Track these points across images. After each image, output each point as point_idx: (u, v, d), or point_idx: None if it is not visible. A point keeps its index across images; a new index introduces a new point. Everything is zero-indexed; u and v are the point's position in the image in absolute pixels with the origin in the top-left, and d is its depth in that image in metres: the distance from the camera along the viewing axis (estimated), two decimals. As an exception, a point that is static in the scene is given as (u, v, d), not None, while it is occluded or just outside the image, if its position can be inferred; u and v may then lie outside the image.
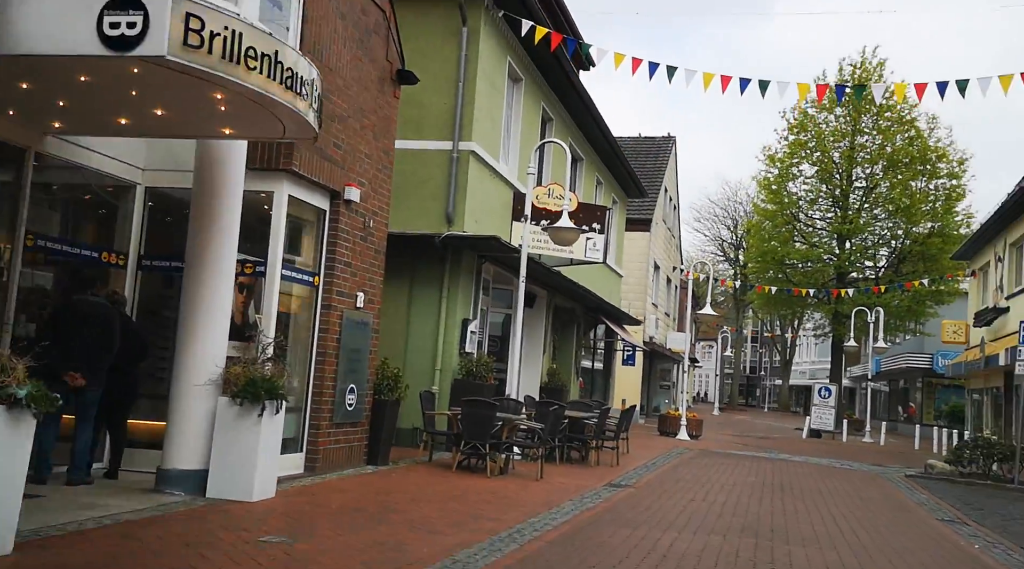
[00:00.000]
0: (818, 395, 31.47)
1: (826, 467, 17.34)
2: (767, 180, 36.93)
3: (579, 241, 16.09)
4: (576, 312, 21.05)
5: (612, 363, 26.80)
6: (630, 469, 13.53)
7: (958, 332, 30.51)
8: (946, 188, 34.55)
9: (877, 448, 26.61)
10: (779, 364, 73.65)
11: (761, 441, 25.90)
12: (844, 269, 35.86)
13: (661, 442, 21.26)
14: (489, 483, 10.28)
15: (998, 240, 26.24)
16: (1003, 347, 22.45)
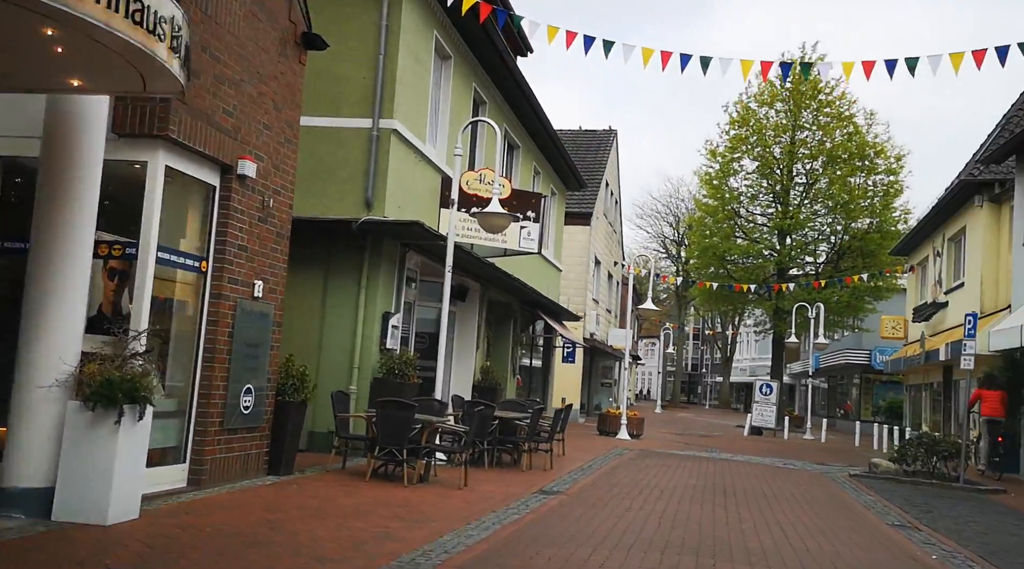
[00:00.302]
0: (759, 392, 31.10)
1: (769, 467, 16.70)
2: (708, 175, 36.56)
3: (513, 230, 15.15)
4: (513, 307, 20.10)
5: (551, 360, 25.94)
6: (564, 473, 12.62)
7: (897, 328, 30.43)
8: (884, 184, 34.59)
9: (818, 445, 26.27)
10: (720, 361, 73.94)
11: (703, 439, 25.33)
12: (785, 265, 35.66)
13: (600, 442, 20.45)
14: (405, 493, 9.23)
15: (936, 235, 26.11)
16: (943, 342, 22.20)
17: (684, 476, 13.61)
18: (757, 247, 35.89)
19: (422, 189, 13.89)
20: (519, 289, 19.03)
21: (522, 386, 24.44)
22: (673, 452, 19.18)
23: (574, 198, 32.41)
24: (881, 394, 41.84)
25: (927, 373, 26.89)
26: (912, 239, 29.05)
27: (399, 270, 13.05)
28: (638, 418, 23.60)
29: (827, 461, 19.21)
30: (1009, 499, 13.36)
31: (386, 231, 12.28)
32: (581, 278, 31.56)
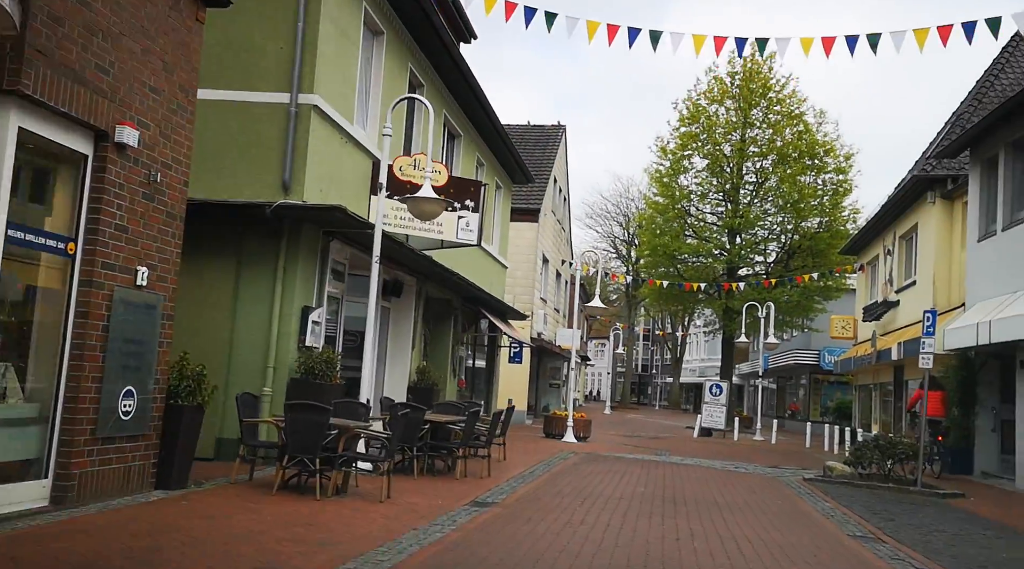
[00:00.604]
0: (709, 392, 30.50)
1: (720, 471, 15.91)
2: (659, 172, 35.96)
3: (450, 220, 14.13)
4: (453, 304, 19.05)
5: (496, 361, 24.95)
6: (503, 481, 11.61)
7: (846, 327, 30.11)
8: (833, 183, 34.35)
9: (769, 447, 25.70)
10: (670, 362, 73.76)
11: (652, 442, 24.56)
12: (735, 264, 35.21)
13: (546, 445, 19.51)
14: (315, 509, 8.13)
15: (887, 233, 25.76)
16: (895, 341, 21.75)
17: (631, 483, 12.70)
18: (707, 246, 35.38)
19: (351, 174, 12.77)
20: (460, 285, 18.00)
21: (465, 387, 23.43)
22: (621, 455, 18.32)
23: (521, 193, 31.49)
24: (829, 394, 41.74)
25: (877, 373, 26.54)
26: (862, 238, 28.73)
27: (321, 261, 11.91)
28: (585, 420, 22.73)
29: (779, 464, 18.53)
30: (969, 504, 12.72)
31: (305, 217, 11.14)
32: (528, 276, 30.65)
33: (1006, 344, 15.27)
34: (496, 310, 22.34)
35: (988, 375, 17.48)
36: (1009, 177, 16.33)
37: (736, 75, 34.71)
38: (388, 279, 15.63)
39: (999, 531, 10.22)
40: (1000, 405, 17.16)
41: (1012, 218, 16.11)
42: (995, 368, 17.38)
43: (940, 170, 20.66)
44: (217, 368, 10.73)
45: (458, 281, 17.14)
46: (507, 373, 29.60)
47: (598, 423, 35.28)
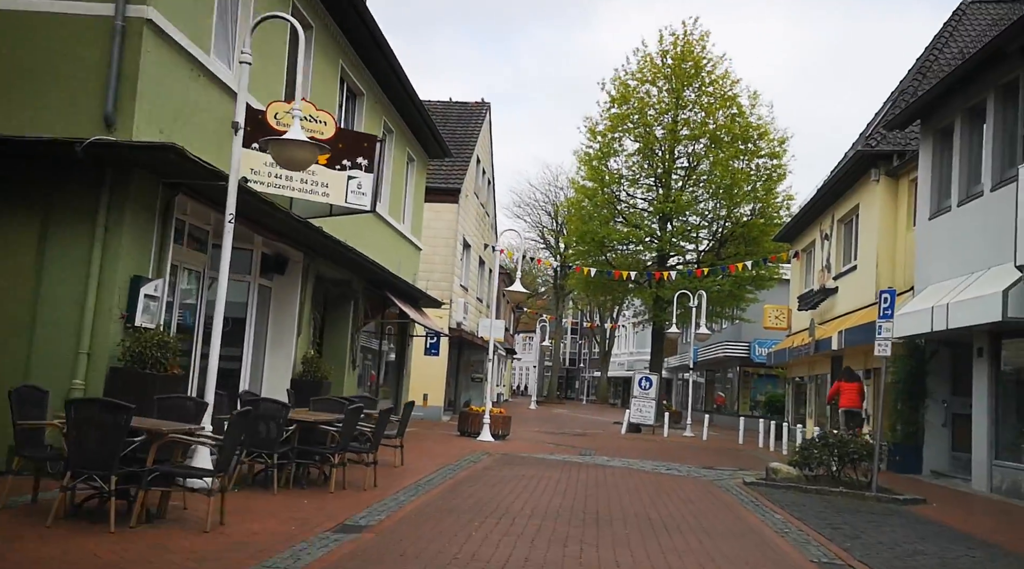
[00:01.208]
0: (638, 386, 28.83)
1: (652, 474, 14.03)
2: (588, 155, 34.15)
3: (338, 181, 11.86)
4: (353, 286, 16.74)
5: (407, 352, 22.67)
6: (389, 494, 9.46)
7: (780, 317, 28.79)
8: (767, 168, 33.06)
9: (701, 444, 24.09)
10: (599, 356, 72.52)
11: (577, 439, 22.68)
12: (665, 252, 33.66)
13: (457, 445, 17.40)
14: (105, 546, 5.84)
15: (824, 217, 24.40)
16: (835, 330, 20.30)
17: (548, 493, 10.67)
18: (638, 233, 33.72)
19: (206, 116, 10.35)
20: (360, 264, 15.72)
21: (374, 381, 21.16)
22: (542, 456, 16.31)
23: (440, 172, 29.29)
24: (760, 388, 40.70)
25: (813, 364, 25.21)
26: (797, 224, 27.41)
27: (162, 220, 9.49)
28: (504, 416, 20.68)
29: (714, 464, 16.80)
30: (934, 512, 11.08)
31: (133, 160, 8.73)
32: (448, 261, 28.46)
33: (961, 331, 13.78)
34: (407, 295, 20.10)
35: (938, 365, 16.04)
36: (965, 147, 14.85)
37: (667, 54, 33.14)
38: (269, 253, 13.28)
39: (985, 549, 8.50)
40: (951, 398, 15.74)
41: (969, 192, 14.64)
42: (946, 358, 15.96)
43: (885, 145, 19.23)
44: (12, 356, 8.30)
45: (355, 258, 14.86)
46: (423, 366, 27.41)
47: (522, 419, 33.37)
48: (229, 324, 12.60)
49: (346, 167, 11.81)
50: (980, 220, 13.99)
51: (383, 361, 21.54)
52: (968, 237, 14.35)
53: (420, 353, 27.46)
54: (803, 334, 24.53)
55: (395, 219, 19.50)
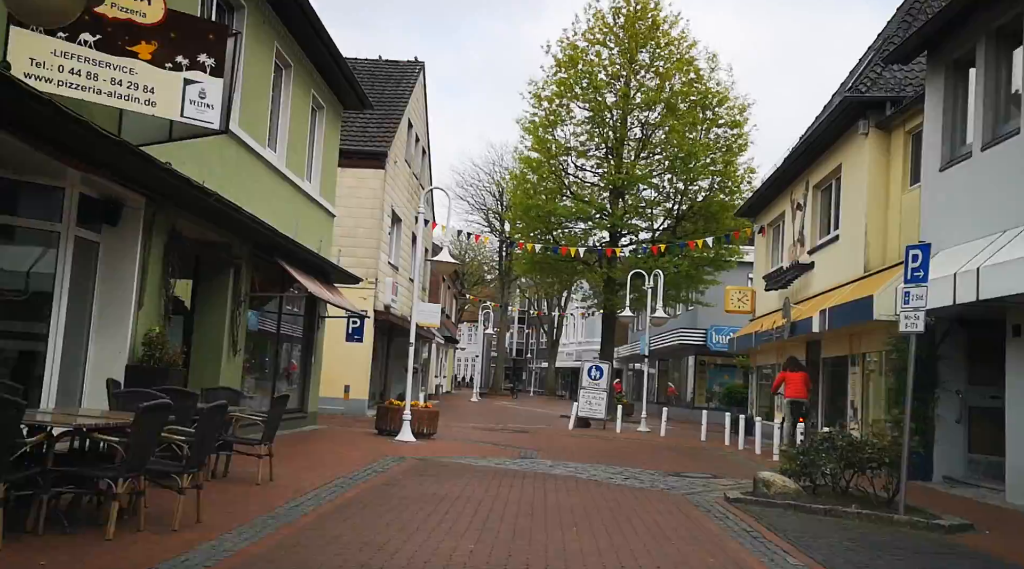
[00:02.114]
0: (587, 376, 25.87)
1: (608, 488, 10.93)
2: (533, 123, 30.98)
3: (169, 84, 8.45)
4: (234, 250, 13.30)
5: (315, 336, 19.18)
6: (216, 535, 6.19)
7: (743, 300, 26.04)
8: (727, 138, 30.29)
9: (659, 441, 21.14)
10: (546, 346, 69.65)
11: (519, 437, 19.55)
12: (618, 228, 30.68)
13: (368, 447, 14.14)
14: None
15: (796, 185, 21.64)
16: (815, 309, 17.46)
17: (459, 528, 7.46)
18: (587, 208, 30.70)
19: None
20: (242, 223, 12.32)
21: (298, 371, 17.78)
22: (470, 462, 13.12)
23: (366, 134, 25.88)
24: (716, 378, 38.10)
25: (784, 350, 22.45)
26: (762, 196, 24.67)
27: None
28: (430, 412, 17.46)
29: (682, 469, 13.80)
30: (998, 546, 8.14)
31: None
32: (373, 235, 25.07)
33: (991, 304, 10.95)
34: (312, 268, 16.68)
35: (950, 349, 13.24)
36: (991, 78, 12.02)
37: (620, 12, 30.13)
38: (94, 196, 9.79)
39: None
40: (967, 389, 12.95)
41: (997, 132, 11.82)
42: (961, 340, 13.16)
43: (876, 91, 16.44)
44: None
45: (237, 216, 11.46)
46: (344, 354, 24.07)
47: (459, 413, 30.21)
48: (25, 291, 9.19)
49: (182, 67, 8.43)
50: (1014, 165, 11.16)
51: (279, 344, 18.10)
52: (996, 187, 11.53)
53: (341, 339, 24.13)
54: (773, 316, 21.76)
55: (297, 175, 16.10)
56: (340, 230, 24.81)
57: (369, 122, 26.38)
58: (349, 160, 24.92)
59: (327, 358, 23.52)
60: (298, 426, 17.33)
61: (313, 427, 18.03)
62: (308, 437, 15.69)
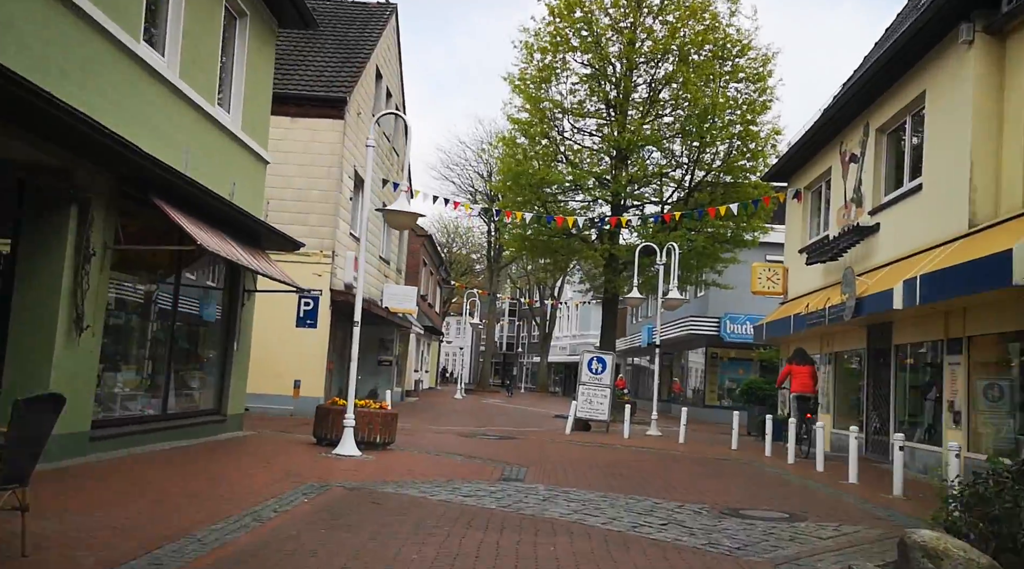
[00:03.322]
0: (587, 369, 21.65)
1: (640, 550, 6.65)
2: (523, 79, 26.64)
3: None
4: (77, 179, 8.99)
5: (237, 316, 14.72)
6: None
7: (774, 278, 21.80)
8: (748, 94, 26.01)
9: (680, 450, 16.90)
10: (538, 339, 65.42)
11: (503, 446, 15.30)
12: (622, 196, 26.41)
13: (285, 465, 9.86)
14: None
15: (850, 133, 17.44)
16: (894, 280, 13.22)
17: None
18: (585, 175, 26.40)
19: None
20: (90, 140, 8.06)
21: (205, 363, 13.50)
22: (424, 492, 8.84)
23: (322, 77, 21.57)
24: (730, 372, 33.91)
25: (832, 338, 18.25)
26: (797, 155, 20.44)
27: None
28: (384, 415, 13.16)
29: (738, 502, 9.57)
30: None
31: None
32: (329, 199, 20.74)
33: None
34: (226, 222, 12.37)
35: None
36: None
37: (627, -53, 25.84)
38: None
39: None
40: None
41: None
42: None
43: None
44: None
45: (53, 112, 7.15)
46: (295, 342, 19.92)
47: (438, 413, 25.94)
48: None
49: None
50: None
51: (177, 323, 13.77)
52: None
53: (290, 324, 19.94)
54: (818, 296, 17.56)
55: (204, 98, 11.80)
56: (289, 192, 20.56)
57: (327, 66, 22.07)
58: (301, 108, 20.70)
59: (273, 347, 19.34)
60: (210, 434, 13.07)
61: (233, 434, 13.75)
62: (213, 450, 11.42)
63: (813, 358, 17.48)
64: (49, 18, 8.16)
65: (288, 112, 20.67)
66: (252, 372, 19.72)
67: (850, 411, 17.56)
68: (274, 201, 20.31)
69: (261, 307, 19.79)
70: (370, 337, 30.08)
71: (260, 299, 18.67)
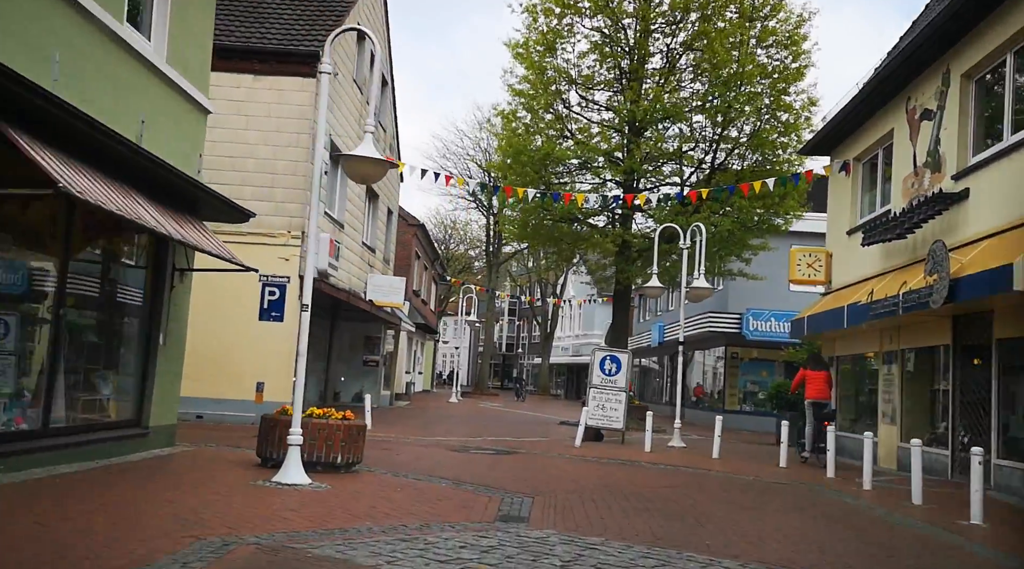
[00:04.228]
0: (599, 370, 18.69)
1: None
2: (525, 44, 23.67)
3: None
4: None
5: (162, 299, 11.57)
6: None
7: (816, 265, 18.79)
8: (780, 59, 23.03)
9: (718, 467, 13.87)
10: (539, 339, 62.42)
11: (500, 464, 12.30)
12: (636, 174, 23.42)
13: (193, 504, 6.82)
14: None
15: (921, 86, 14.49)
16: (1010, 254, 10.22)
17: None
18: (596, 149, 23.42)
19: None
20: None
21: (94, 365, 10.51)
22: (376, 554, 5.84)
23: (291, 31, 18.62)
24: (751, 374, 30.89)
25: (897, 334, 15.23)
26: (844, 122, 17.48)
27: None
28: (348, 427, 10.13)
29: (838, 557, 6.59)
30: None
31: None
32: (298, 171, 17.76)
33: None
34: (145, 181, 9.38)
35: None
36: None
37: None
38: None
39: None
40: None
41: None
42: None
43: None
44: None
45: None
46: (258, 338, 17.01)
47: (429, 420, 22.90)
48: None
49: None
50: None
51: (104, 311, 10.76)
52: None
53: (250, 316, 17.13)
54: (876, 284, 14.58)
55: (104, 7, 8.80)
56: (252, 163, 17.61)
57: (298, 18, 19.11)
58: (266, 65, 17.76)
59: (232, 344, 16.44)
60: (125, 452, 10.09)
61: (157, 452, 10.75)
62: (109, 477, 8.43)
63: (826, 362, 16.68)
64: None
65: (252, 69, 17.78)
66: (206, 373, 16.79)
67: (927, 423, 14.55)
68: (235, 173, 17.42)
69: (216, 297, 16.86)
70: (355, 335, 27.15)
71: (218, 288, 15.80)
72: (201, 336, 16.80)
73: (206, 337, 16.81)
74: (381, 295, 23.67)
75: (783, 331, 28.60)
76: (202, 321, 16.80)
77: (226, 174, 17.20)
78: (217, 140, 17.52)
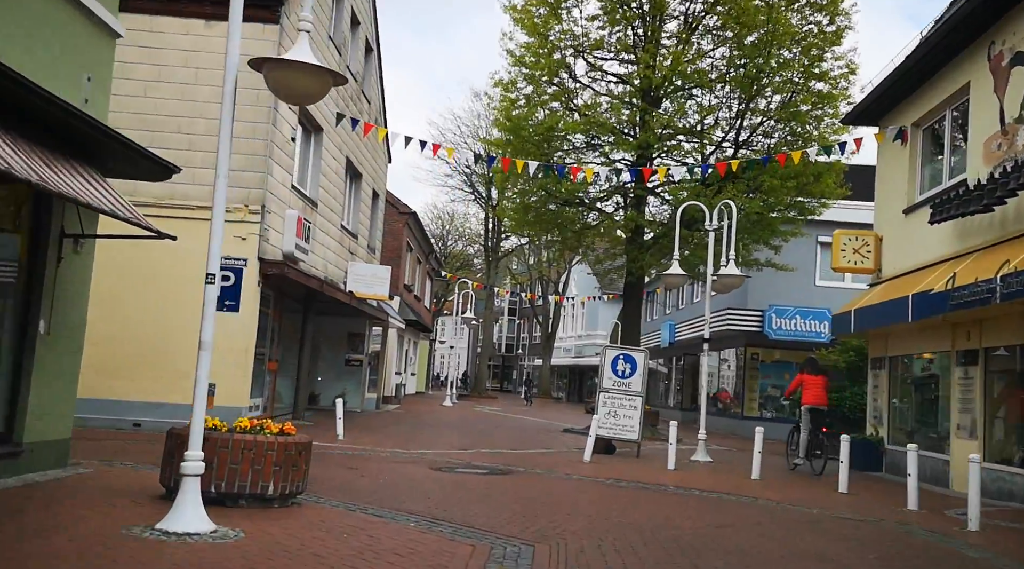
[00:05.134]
0: (611, 371, 16.07)
1: None
2: (527, 9, 20.98)
3: None
4: None
5: (46, 278, 8.67)
6: None
7: (864, 251, 16.11)
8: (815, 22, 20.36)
9: (765, 494, 11.15)
10: (540, 339, 59.76)
11: (491, 491, 9.61)
12: (652, 149, 20.71)
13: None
14: None
15: (1010, 25, 11.82)
16: None
17: None
18: (604, 120, 20.74)
19: None
20: None
21: None
22: None
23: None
24: (773, 377, 28.13)
25: (976, 330, 12.53)
26: (899, 84, 14.82)
27: None
28: (283, 447, 7.44)
29: None
30: None
31: None
32: (258, 134, 15.11)
33: None
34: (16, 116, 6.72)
35: None
36: None
37: None
38: None
39: None
40: None
41: None
42: None
43: None
44: None
45: None
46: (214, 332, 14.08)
47: (415, 427, 20.11)
48: None
49: None
50: None
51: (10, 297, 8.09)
52: None
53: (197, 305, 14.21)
54: (966, 264, 11.89)
55: None
56: (202, 124, 14.91)
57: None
58: (220, 7, 14.94)
59: (176, 338, 13.83)
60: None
61: (30, 478, 8.05)
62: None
63: (824, 368, 16.10)
64: None
65: (203, 13, 15.22)
66: (143, 373, 14.18)
67: (1017, 438, 11.86)
68: (182, 136, 14.81)
69: (156, 281, 14.24)
70: (335, 331, 24.47)
71: (157, 268, 13.18)
72: (134, 326, 14.18)
73: (141, 328, 14.18)
74: (364, 286, 21.00)
75: (811, 330, 25.95)
76: (134, 308, 14.21)
77: (172, 137, 14.65)
78: (163, 97, 14.97)
